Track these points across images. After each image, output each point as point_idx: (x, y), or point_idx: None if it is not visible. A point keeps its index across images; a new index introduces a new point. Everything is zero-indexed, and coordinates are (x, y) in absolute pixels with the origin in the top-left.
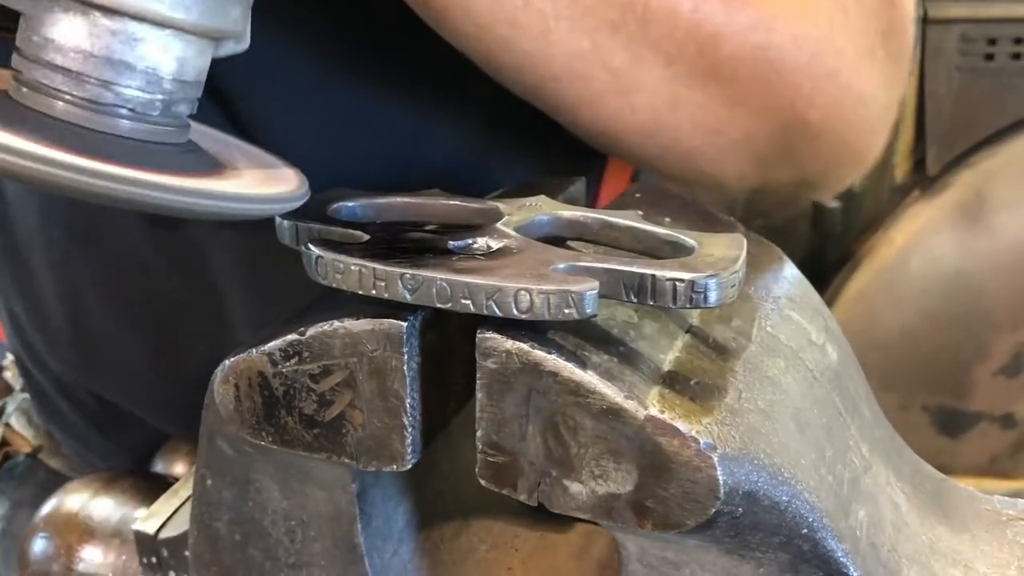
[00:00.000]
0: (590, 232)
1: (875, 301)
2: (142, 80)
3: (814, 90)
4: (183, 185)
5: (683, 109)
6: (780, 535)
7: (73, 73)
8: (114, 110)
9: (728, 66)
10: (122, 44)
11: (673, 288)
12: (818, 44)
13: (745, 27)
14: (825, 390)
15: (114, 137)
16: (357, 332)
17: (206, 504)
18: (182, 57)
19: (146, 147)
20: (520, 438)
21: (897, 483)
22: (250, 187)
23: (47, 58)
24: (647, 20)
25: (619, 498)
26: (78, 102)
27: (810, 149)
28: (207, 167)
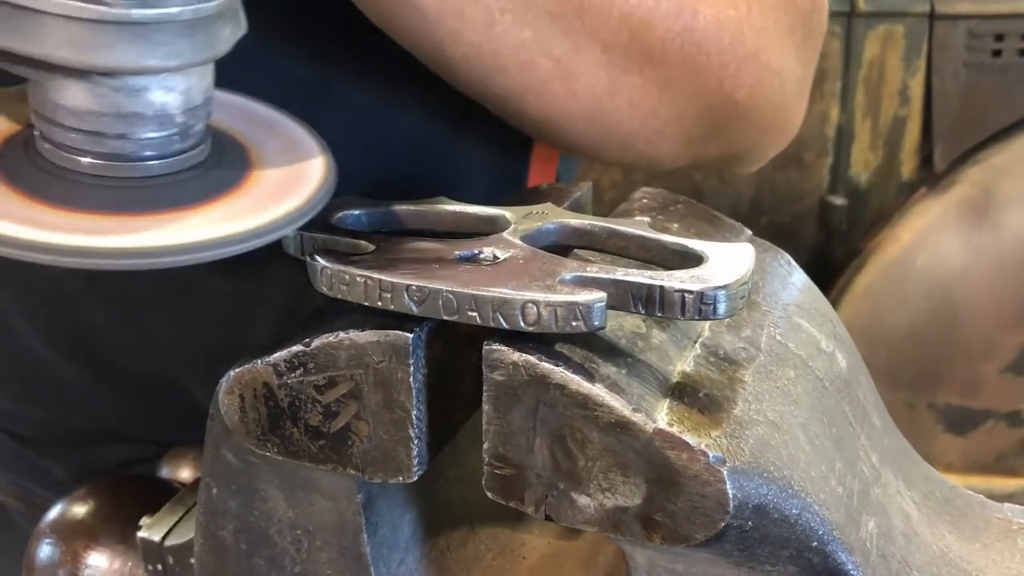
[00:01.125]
0: (597, 241)
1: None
2: (155, 123)
3: (739, 69)
4: (170, 244)
5: (621, 93)
6: (790, 548)
7: (90, 133)
8: (137, 156)
9: (659, 50)
10: (127, 98)
11: (682, 300)
12: (738, 24)
13: (672, 12)
14: (835, 399)
15: (142, 181)
16: (363, 343)
17: (211, 513)
18: (187, 89)
19: (172, 181)
20: (527, 451)
21: (907, 492)
22: (259, 212)
23: (62, 121)
24: (583, 9)
25: (627, 511)
26: (102, 157)
27: (737, 126)
28: (231, 180)
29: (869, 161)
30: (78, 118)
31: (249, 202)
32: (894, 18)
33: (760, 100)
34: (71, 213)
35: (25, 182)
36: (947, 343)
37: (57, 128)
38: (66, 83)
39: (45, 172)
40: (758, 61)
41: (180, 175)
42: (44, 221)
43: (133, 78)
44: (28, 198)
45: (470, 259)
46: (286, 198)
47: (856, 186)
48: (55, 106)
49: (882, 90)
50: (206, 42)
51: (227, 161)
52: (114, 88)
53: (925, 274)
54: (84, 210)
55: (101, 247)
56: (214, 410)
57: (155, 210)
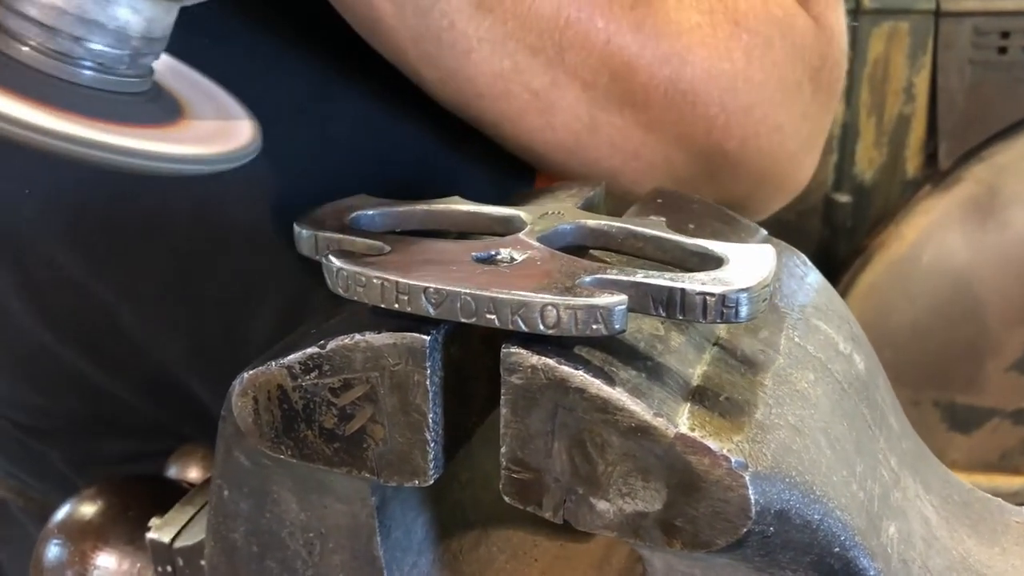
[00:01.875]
0: (614, 242)
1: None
2: (112, 38)
3: (728, 122)
4: (115, 143)
5: (601, 131)
6: (812, 554)
7: (46, 26)
8: (81, 63)
9: (641, 94)
10: (95, 4)
11: (704, 303)
12: (732, 79)
13: (657, 59)
14: (853, 402)
15: (77, 87)
16: (379, 346)
17: (223, 515)
18: (151, 17)
19: (107, 97)
20: (546, 455)
21: (926, 496)
22: (191, 143)
23: (21, 8)
24: (563, 47)
25: (647, 517)
26: (47, 52)
27: (730, 175)
28: (162, 117)
29: (874, 159)
30: (38, 8)
31: (182, 135)
32: (899, 15)
33: (754, 153)
34: (27, 101)
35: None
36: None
37: (12, 15)
38: None
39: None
40: (752, 115)
41: (116, 96)
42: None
43: None
44: None
45: (487, 260)
46: (221, 139)
47: (861, 183)
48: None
49: (887, 87)
50: None
51: (162, 105)
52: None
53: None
54: (34, 99)
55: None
56: (226, 412)
57: (90, 116)
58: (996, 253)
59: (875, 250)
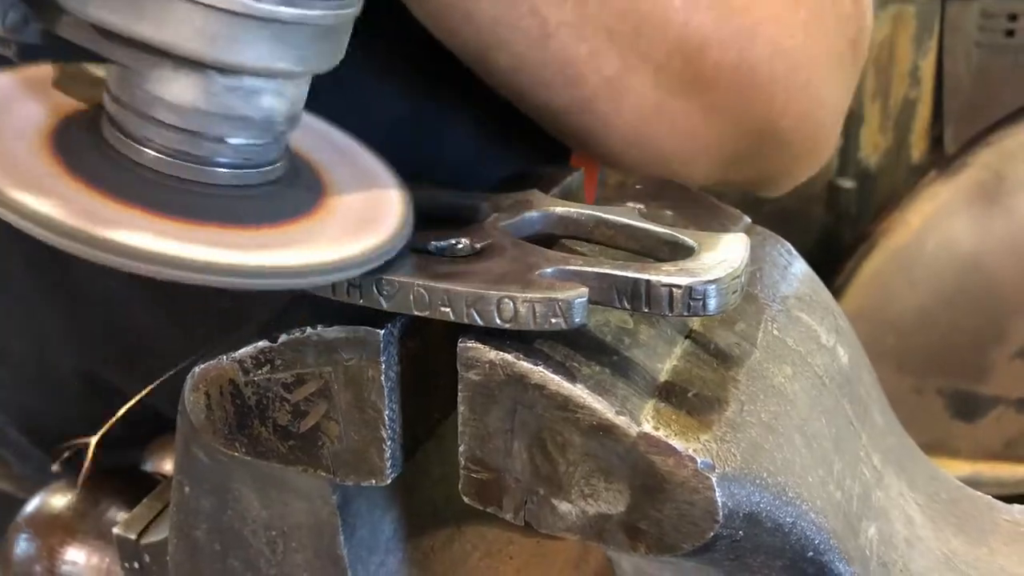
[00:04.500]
0: (584, 230)
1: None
2: (258, 130)
3: (787, 100)
4: (245, 264)
5: (665, 115)
6: (784, 558)
7: (187, 132)
8: (220, 162)
9: (710, 75)
10: (240, 99)
11: (669, 295)
12: (795, 55)
13: (729, 37)
14: (835, 397)
15: (215, 189)
16: (331, 340)
17: (184, 512)
18: (295, 97)
19: (246, 195)
20: (505, 454)
21: (911, 494)
22: (345, 236)
23: (155, 115)
24: (641, 28)
25: (611, 519)
26: (191, 158)
27: (775, 153)
28: (306, 203)
29: (878, 144)
30: (178, 114)
31: (335, 228)
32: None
33: (803, 129)
34: (182, 223)
35: (105, 182)
36: (957, 328)
37: (146, 122)
38: (174, 75)
39: (123, 170)
40: (807, 91)
41: (256, 189)
42: (162, 231)
43: (252, 79)
44: (116, 202)
45: (445, 250)
46: (369, 227)
47: (865, 169)
48: (151, 99)
49: (892, 71)
50: (331, 50)
51: (298, 191)
52: (229, 87)
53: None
54: (184, 219)
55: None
56: (182, 406)
57: (250, 224)
58: (1002, 239)
59: (879, 237)
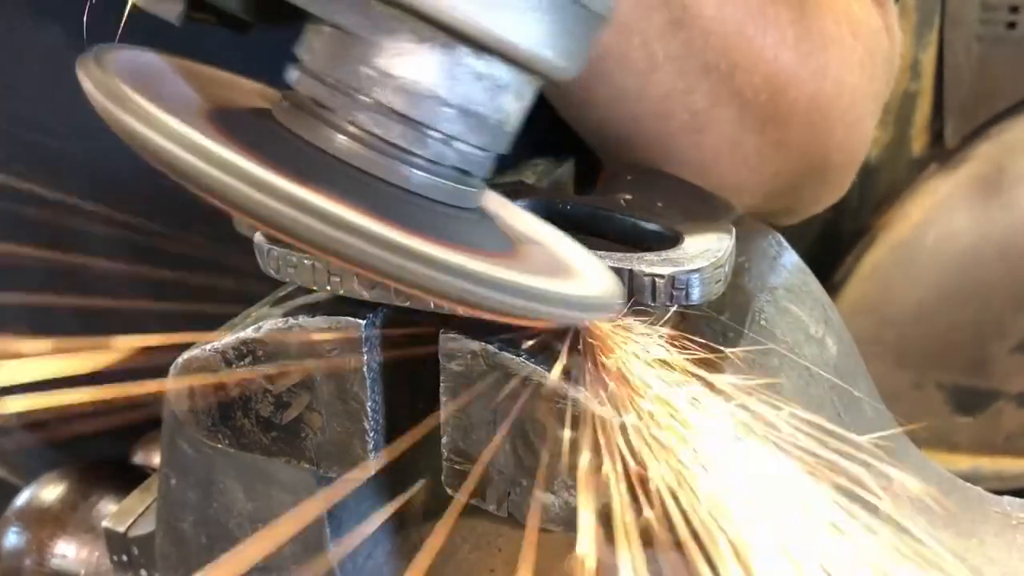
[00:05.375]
0: (571, 220)
1: (891, 277)
2: (488, 136)
3: (844, 135)
4: (524, 285)
5: (740, 150)
6: None
7: (416, 124)
8: (446, 172)
9: (787, 111)
10: (484, 92)
11: (652, 284)
12: (853, 92)
13: (808, 74)
14: (822, 389)
15: (425, 201)
16: (313, 331)
17: (170, 505)
18: (527, 103)
19: (451, 215)
20: (488, 445)
21: None
22: (559, 280)
23: (380, 98)
24: (736, 64)
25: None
26: (403, 157)
27: (816, 185)
28: (501, 244)
29: (879, 137)
30: (408, 98)
31: (535, 268)
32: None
33: (847, 162)
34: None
35: (306, 177)
36: (957, 323)
37: (357, 103)
38: (417, 49)
39: (314, 162)
40: (858, 127)
41: (465, 214)
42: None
43: (507, 68)
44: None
45: None
46: (564, 273)
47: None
48: (376, 75)
49: None
50: (584, 52)
51: (492, 227)
52: (477, 74)
53: (935, 252)
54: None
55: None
56: (166, 399)
57: (485, 249)
58: (1003, 233)
59: (880, 230)
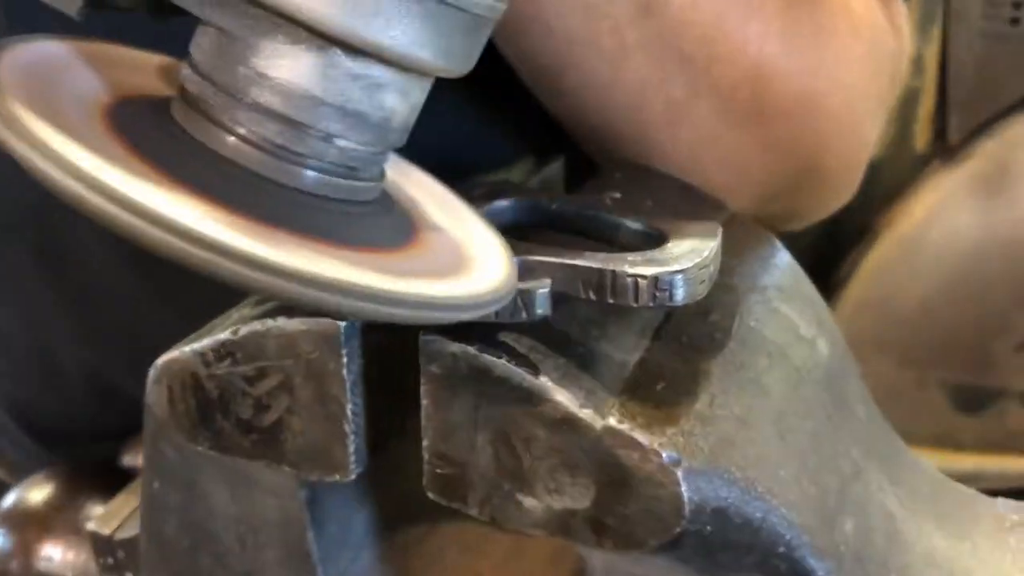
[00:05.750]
0: (556, 220)
1: (893, 274)
2: (371, 134)
3: (838, 137)
4: (382, 289)
5: (721, 146)
6: (754, 554)
7: (293, 123)
8: (326, 167)
9: (772, 107)
10: (361, 91)
11: (635, 285)
12: (849, 91)
13: (795, 70)
14: (813, 390)
15: (308, 197)
16: (291, 332)
17: (154, 508)
18: (416, 102)
19: (340, 210)
20: (469, 449)
21: (891, 488)
22: (447, 275)
23: (256, 98)
24: (715, 55)
25: (576, 515)
26: (285, 155)
27: (814, 190)
28: (398, 234)
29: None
30: (284, 99)
31: (427, 266)
32: None
33: (845, 167)
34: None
35: (185, 175)
36: (960, 320)
37: (237, 104)
38: (290, 49)
39: (200, 161)
40: (855, 129)
41: (353, 207)
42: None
43: (383, 68)
44: (208, 201)
45: None
46: (465, 268)
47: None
48: (254, 76)
49: None
50: (470, 51)
51: (392, 217)
52: (352, 74)
53: (938, 249)
54: (299, 233)
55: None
56: (147, 400)
57: (357, 246)
58: (1006, 230)
59: (882, 227)
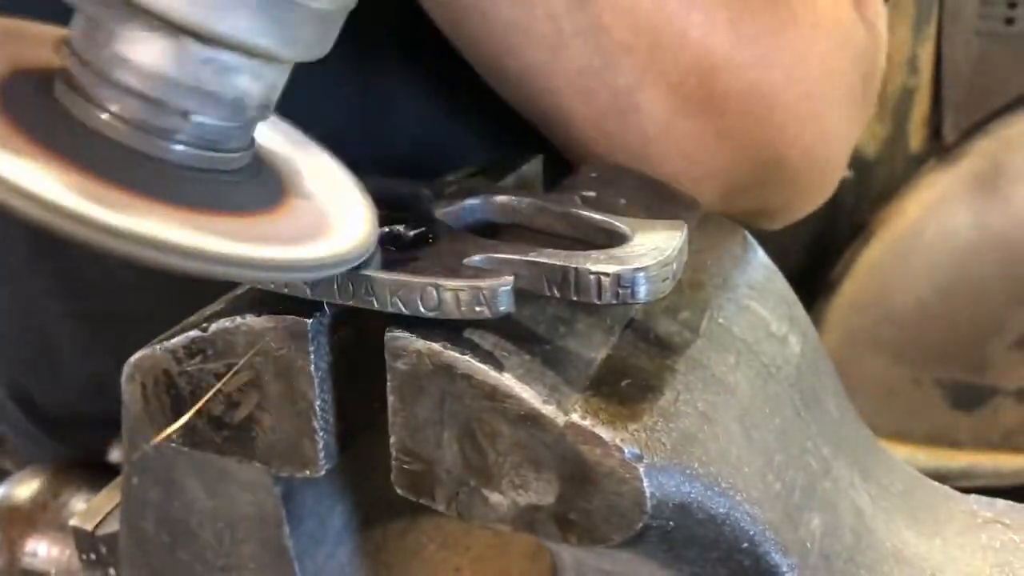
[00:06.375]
0: (524, 217)
1: (889, 273)
2: (227, 110)
3: (798, 130)
4: (210, 250)
5: (672, 136)
6: (718, 550)
7: (151, 100)
8: (190, 140)
9: (723, 97)
10: (214, 74)
11: (598, 282)
12: (809, 85)
13: (747, 62)
14: (782, 387)
15: (176, 168)
16: (260, 329)
17: (133, 504)
18: (272, 84)
19: (206, 179)
20: (436, 445)
21: (863, 484)
22: (294, 240)
23: (119, 78)
24: (658, 45)
25: (541, 510)
26: (150, 129)
27: (780, 185)
28: (265, 200)
29: (876, 133)
30: (142, 79)
31: (285, 227)
32: None
33: (811, 161)
34: (147, 200)
35: (62, 149)
36: (954, 319)
37: (105, 83)
38: (145, 35)
39: (76, 136)
40: (818, 124)
41: (217, 176)
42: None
43: (231, 54)
44: (80, 172)
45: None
46: (332, 226)
47: (863, 158)
48: (116, 58)
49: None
50: (320, 40)
51: (261, 183)
52: (203, 59)
53: (933, 248)
54: (121, 184)
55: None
56: (123, 398)
57: (188, 206)
58: (1001, 230)
59: (877, 227)
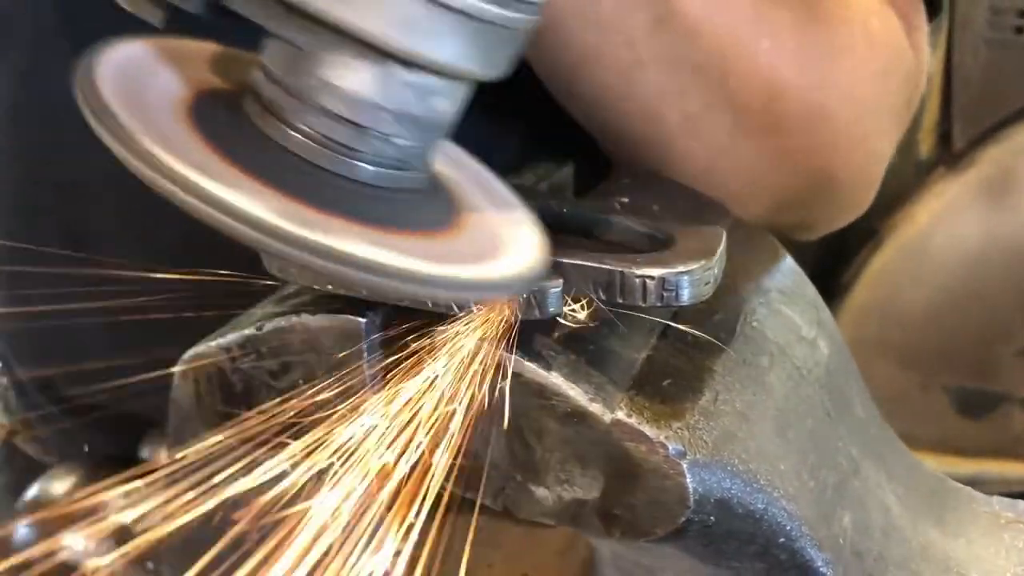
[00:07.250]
0: (566, 223)
1: (898, 279)
2: (423, 131)
3: (850, 150)
4: (403, 268)
5: (736, 156)
6: (756, 544)
7: (356, 126)
8: (384, 161)
9: (785, 119)
10: (417, 98)
11: (643, 285)
12: (862, 107)
13: (810, 85)
14: (813, 389)
15: (367, 187)
16: (314, 328)
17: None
18: (461, 102)
19: (392, 197)
20: (484, 440)
21: (889, 485)
22: (481, 256)
23: (323, 103)
24: (728, 69)
25: (586, 505)
26: (348, 151)
27: (826, 201)
28: (439, 220)
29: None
30: (349, 106)
31: (463, 246)
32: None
33: (857, 180)
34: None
35: (260, 169)
36: (962, 325)
37: (307, 108)
38: (354, 63)
39: (274, 157)
40: (867, 143)
41: (402, 195)
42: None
43: (433, 77)
44: (287, 196)
45: None
46: (501, 249)
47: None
48: (320, 85)
49: None
50: (509, 58)
51: (438, 203)
52: (407, 83)
53: (942, 255)
54: (352, 218)
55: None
56: (174, 395)
57: (402, 230)
58: (1010, 237)
59: (887, 233)
